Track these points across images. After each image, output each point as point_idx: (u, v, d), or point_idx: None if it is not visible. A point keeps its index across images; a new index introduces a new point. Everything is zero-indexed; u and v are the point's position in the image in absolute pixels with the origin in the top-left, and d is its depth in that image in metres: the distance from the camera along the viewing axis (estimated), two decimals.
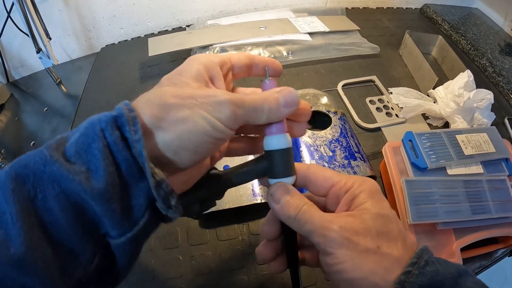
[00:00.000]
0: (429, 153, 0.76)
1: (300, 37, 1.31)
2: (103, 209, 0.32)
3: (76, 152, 0.33)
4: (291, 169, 0.44)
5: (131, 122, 0.34)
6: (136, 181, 0.34)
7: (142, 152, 0.33)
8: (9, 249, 0.29)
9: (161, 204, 0.35)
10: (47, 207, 0.32)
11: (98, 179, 0.32)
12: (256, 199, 0.78)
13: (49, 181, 0.32)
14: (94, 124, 0.34)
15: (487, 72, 1.28)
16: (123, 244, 0.35)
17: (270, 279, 0.74)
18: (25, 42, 1.25)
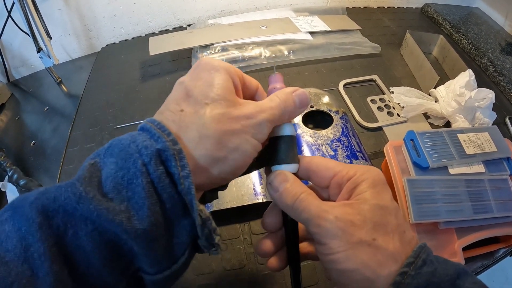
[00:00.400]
0: (431, 152, 0.76)
1: (301, 37, 1.31)
2: (143, 249, 0.31)
3: (114, 188, 0.31)
4: (294, 156, 0.44)
5: (177, 157, 0.32)
6: (180, 219, 0.34)
7: (191, 189, 0.32)
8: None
9: (204, 243, 0.35)
10: (78, 244, 0.30)
11: (141, 220, 0.31)
12: (258, 198, 0.78)
13: (81, 218, 0.30)
14: (135, 157, 0.32)
15: (488, 71, 1.27)
16: (159, 281, 0.34)
17: (271, 279, 0.74)
18: (25, 42, 1.25)
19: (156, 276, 0.34)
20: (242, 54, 1.21)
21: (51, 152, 1.03)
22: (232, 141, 0.35)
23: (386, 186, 0.41)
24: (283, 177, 0.42)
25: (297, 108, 0.43)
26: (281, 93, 0.42)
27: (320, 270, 0.75)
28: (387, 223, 0.38)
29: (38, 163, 1.01)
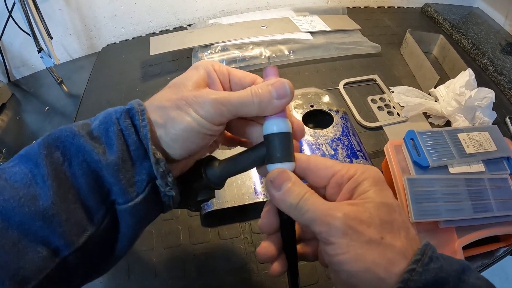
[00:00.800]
0: (431, 152, 0.76)
1: (302, 36, 1.31)
2: (113, 177, 0.39)
3: (97, 135, 0.40)
4: (290, 154, 0.43)
5: (140, 113, 0.41)
6: (141, 160, 0.41)
7: (147, 135, 0.40)
8: (38, 201, 0.36)
9: (160, 181, 0.41)
10: (72, 171, 0.38)
11: (112, 154, 0.39)
12: (258, 197, 0.78)
13: (75, 151, 0.39)
14: (111, 114, 0.41)
15: (488, 71, 1.27)
16: (126, 211, 0.41)
17: (272, 277, 0.74)
18: (26, 42, 1.25)
19: (124, 206, 0.40)
20: (243, 54, 1.21)
21: None
22: (172, 113, 0.41)
23: (386, 185, 0.41)
24: (286, 176, 0.41)
25: (274, 99, 0.42)
26: (256, 85, 0.43)
27: (320, 269, 0.75)
28: (393, 221, 0.38)
29: None
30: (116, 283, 0.73)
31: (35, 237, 0.35)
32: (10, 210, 0.35)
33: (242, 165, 0.47)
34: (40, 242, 0.36)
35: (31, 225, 0.35)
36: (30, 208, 0.35)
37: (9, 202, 0.35)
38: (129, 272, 0.74)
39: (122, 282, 0.73)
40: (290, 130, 0.43)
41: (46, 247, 0.36)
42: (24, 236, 0.35)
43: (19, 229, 0.35)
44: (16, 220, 0.35)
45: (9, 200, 0.35)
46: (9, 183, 0.36)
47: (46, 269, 0.36)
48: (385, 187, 0.41)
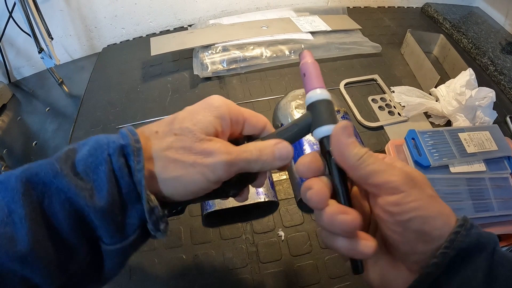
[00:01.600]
0: (432, 151, 0.76)
1: (302, 36, 1.32)
2: (101, 222, 0.37)
3: (84, 170, 0.37)
4: (334, 118, 0.45)
5: (135, 153, 0.38)
6: (133, 204, 0.39)
7: (141, 181, 0.37)
8: (16, 245, 0.33)
9: (151, 226, 0.39)
10: (52, 210, 0.35)
11: (101, 198, 0.36)
12: (260, 197, 0.78)
13: (56, 190, 0.36)
14: (103, 147, 0.38)
15: (489, 70, 1.28)
16: (112, 251, 0.39)
17: (273, 277, 0.74)
18: (27, 42, 1.25)
19: (110, 247, 0.39)
20: (243, 54, 1.21)
21: (53, 153, 1.01)
22: (176, 170, 0.40)
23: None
24: (350, 131, 0.41)
25: (276, 160, 0.44)
26: (263, 143, 0.45)
27: (322, 269, 0.75)
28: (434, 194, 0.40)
29: None
30: (117, 284, 0.73)
31: (14, 277, 0.34)
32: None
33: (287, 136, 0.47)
34: (20, 281, 0.34)
35: (8, 266, 0.33)
36: (7, 250, 0.33)
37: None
38: (131, 273, 0.75)
39: (124, 282, 0.73)
40: (330, 98, 0.46)
41: (26, 286, 0.35)
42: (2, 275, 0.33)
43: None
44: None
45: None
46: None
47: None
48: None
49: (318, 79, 0.47)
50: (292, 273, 0.75)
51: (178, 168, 0.40)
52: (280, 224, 0.82)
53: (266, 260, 0.77)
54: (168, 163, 0.40)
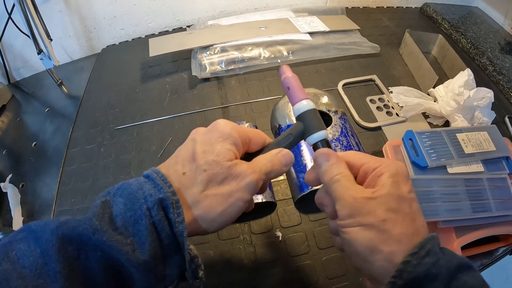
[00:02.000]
0: (430, 152, 0.76)
1: (301, 37, 1.32)
2: (142, 275, 0.38)
3: (123, 225, 0.38)
4: (322, 124, 0.52)
5: (174, 206, 0.39)
6: (173, 254, 0.40)
7: (183, 232, 0.39)
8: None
9: (190, 275, 0.42)
10: (88, 266, 0.36)
11: (143, 252, 0.37)
12: (257, 198, 0.78)
13: (93, 247, 0.36)
14: (140, 201, 0.39)
15: (488, 70, 1.28)
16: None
17: (271, 277, 0.74)
18: (26, 43, 1.25)
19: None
20: (242, 55, 1.22)
21: (52, 153, 1.03)
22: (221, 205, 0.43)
23: (407, 178, 0.45)
24: (327, 157, 0.48)
25: (283, 167, 0.50)
26: (270, 155, 0.50)
27: (320, 270, 0.75)
28: (399, 210, 0.42)
29: (39, 164, 1.01)
30: None
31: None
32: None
33: (284, 146, 0.53)
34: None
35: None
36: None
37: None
38: None
39: None
40: (315, 106, 0.53)
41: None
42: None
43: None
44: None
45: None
46: (17, 269, 0.34)
47: None
48: (404, 181, 0.45)
49: (301, 91, 0.53)
50: (290, 274, 0.75)
51: (221, 202, 0.43)
52: (278, 225, 0.82)
53: (264, 260, 0.77)
54: (211, 203, 0.42)
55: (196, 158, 0.44)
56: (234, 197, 0.43)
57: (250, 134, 0.51)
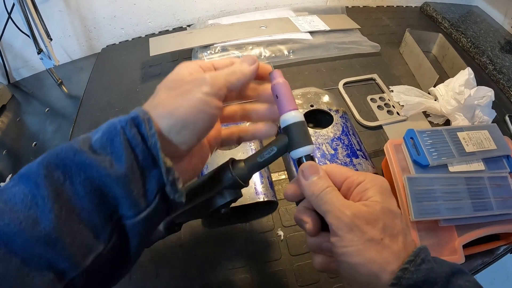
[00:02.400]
0: (431, 151, 0.76)
1: (301, 36, 1.32)
2: (124, 191, 0.38)
3: (101, 146, 0.39)
4: (309, 139, 0.49)
5: (146, 121, 0.40)
6: (150, 169, 0.40)
7: (156, 144, 0.40)
8: (39, 225, 0.35)
9: (169, 188, 0.41)
10: (74, 190, 0.37)
11: (120, 165, 0.38)
12: (259, 197, 0.78)
13: (76, 169, 0.37)
14: (115, 124, 0.40)
15: (488, 69, 1.28)
16: (137, 223, 0.40)
17: (273, 277, 0.74)
18: (26, 43, 1.25)
19: (135, 219, 0.40)
20: (242, 54, 1.21)
21: None
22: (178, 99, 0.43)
23: (391, 193, 0.46)
24: (315, 169, 0.47)
25: (248, 65, 0.50)
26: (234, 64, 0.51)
27: None
28: (394, 226, 0.43)
29: None
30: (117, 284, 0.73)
31: (39, 261, 0.35)
32: (12, 235, 0.34)
33: (266, 158, 0.51)
34: (45, 266, 0.35)
35: (34, 249, 0.34)
36: (31, 232, 0.34)
37: (9, 227, 0.34)
38: (130, 273, 0.75)
39: (123, 283, 0.73)
40: (303, 119, 0.50)
41: (51, 270, 0.35)
42: (28, 260, 0.34)
43: (22, 254, 0.34)
44: (19, 244, 0.34)
45: (9, 225, 0.34)
46: (9, 205, 0.36)
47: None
48: (390, 196, 0.46)
49: (290, 101, 0.50)
50: (291, 273, 0.75)
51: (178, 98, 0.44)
52: (279, 224, 0.82)
53: (266, 259, 0.77)
54: (168, 100, 0.44)
55: (157, 90, 0.48)
56: (195, 93, 0.43)
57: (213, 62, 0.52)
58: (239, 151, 0.86)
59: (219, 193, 0.53)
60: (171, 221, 0.58)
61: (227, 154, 0.85)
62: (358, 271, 0.41)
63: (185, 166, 0.48)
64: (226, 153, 0.85)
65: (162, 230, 0.58)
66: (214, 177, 0.54)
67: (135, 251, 0.43)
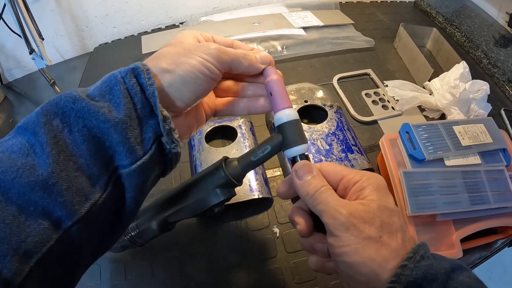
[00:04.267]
0: (427, 145, 0.76)
1: (294, 32, 1.31)
2: (121, 136, 0.39)
3: (99, 93, 0.41)
4: (303, 137, 0.49)
5: (145, 72, 0.41)
6: (147, 118, 0.42)
7: (154, 92, 0.41)
8: (37, 170, 0.35)
9: (166, 138, 0.42)
10: (73, 138, 0.38)
11: (119, 111, 0.39)
12: (254, 194, 0.77)
13: (75, 117, 0.38)
14: (115, 74, 0.41)
15: (482, 63, 1.28)
16: (133, 172, 0.41)
17: (269, 275, 0.74)
18: (17, 43, 1.24)
19: (131, 167, 0.40)
20: None
21: None
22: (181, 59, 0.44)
23: (388, 191, 0.46)
24: (309, 168, 0.48)
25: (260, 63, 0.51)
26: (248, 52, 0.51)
27: None
28: (392, 223, 0.43)
29: None
30: (112, 284, 0.73)
31: (36, 208, 0.35)
32: (9, 182, 0.34)
33: (260, 157, 0.51)
34: (41, 213, 0.35)
35: (30, 196, 0.35)
36: (29, 178, 0.35)
37: (6, 174, 0.34)
38: (126, 273, 0.74)
39: (119, 283, 0.73)
40: (298, 117, 0.50)
41: (47, 218, 0.35)
42: (24, 208, 0.34)
43: (18, 201, 0.34)
44: (15, 191, 0.34)
45: (6, 172, 0.34)
46: (6, 154, 0.36)
47: (49, 242, 0.35)
48: (387, 193, 0.46)
49: (285, 98, 0.50)
50: (288, 270, 0.75)
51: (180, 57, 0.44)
52: (275, 221, 0.82)
53: (262, 257, 0.77)
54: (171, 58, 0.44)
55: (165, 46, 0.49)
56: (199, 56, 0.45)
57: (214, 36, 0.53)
58: (232, 148, 0.85)
59: (212, 192, 0.53)
60: (165, 219, 0.57)
61: (221, 151, 0.84)
62: (357, 270, 0.41)
63: (181, 123, 0.49)
64: (220, 150, 0.85)
65: (156, 228, 0.57)
66: (207, 176, 0.54)
67: (131, 204, 0.43)
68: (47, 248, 0.35)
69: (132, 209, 0.44)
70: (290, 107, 0.50)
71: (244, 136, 0.89)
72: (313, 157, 0.83)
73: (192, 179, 0.56)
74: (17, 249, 0.33)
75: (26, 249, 0.34)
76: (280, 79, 0.51)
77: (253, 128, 0.96)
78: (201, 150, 0.86)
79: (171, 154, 0.44)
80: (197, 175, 0.55)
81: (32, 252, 0.34)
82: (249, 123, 0.94)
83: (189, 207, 0.55)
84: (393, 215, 0.43)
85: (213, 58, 0.46)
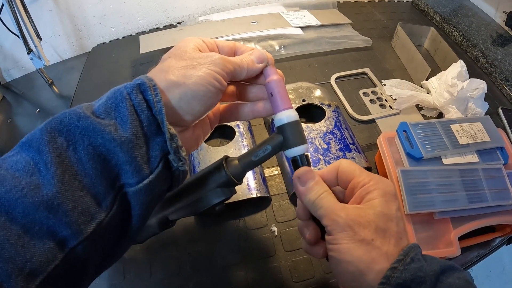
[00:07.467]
0: (424, 143, 0.76)
1: (292, 31, 1.31)
2: (127, 155, 0.39)
3: (105, 110, 0.40)
4: (303, 138, 0.50)
5: (152, 88, 0.41)
6: (154, 136, 0.41)
7: (161, 110, 0.40)
8: (41, 190, 0.35)
9: (173, 156, 0.42)
10: (78, 156, 0.37)
11: (125, 130, 0.39)
12: (252, 193, 0.78)
13: (80, 135, 0.38)
14: (121, 90, 0.41)
15: (480, 63, 1.28)
16: (139, 191, 0.40)
17: (267, 274, 0.74)
18: (16, 44, 1.23)
19: (138, 186, 0.40)
20: None
21: None
22: (189, 71, 0.44)
23: (395, 197, 0.47)
24: (311, 175, 0.49)
25: (256, 63, 0.51)
26: (244, 56, 0.52)
27: (316, 264, 0.75)
28: (387, 229, 0.44)
29: None
30: (111, 283, 0.73)
31: (41, 228, 0.34)
32: (13, 201, 0.34)
33: (261, 157, 0.52)
34: (46, 233, 0.35)
35: (35, 216, 0.34)
36: (33, 198, 0.34)
37: (11, 193, 0.34)
38: (124, 272, 0.74)
39: (118, 282, 0.73)
40: (298, 118, 0.51)
41: (53, 238, 0.35)
42: (29, 227, 0.34)
43: (23, 221, 0.34)
44: (20, 211, 0.34)
45: (11, 191, 0.34)
46: (10, 172, 0.36)
47: (54, 261, 0.35)
48: (392, 200, 0.46)
49: (285, 99, 0.50)
50: (286, 269, 0.75)
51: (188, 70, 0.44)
52: (273, 220, 0.82)
53: (260, 256, 0.77)
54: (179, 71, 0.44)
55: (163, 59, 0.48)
56: (206, 68, 0.45)
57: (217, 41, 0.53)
58: (231, 147, 0.86)
59: (213, 191, 0.53)
60: (165, 217, 0.57)
61: (219, 151, 0.84)
62: (345, 268, 0.43)
63: (188, 136, 0.50)
64: (218, 149, 0.85)
65: (156, 226, 0.57)
66: (208, 175, 0.54)
67: (136, 222, 0.43)
68: (52, 267, 0.35)
69: (138, 226, 0.44)
70: (290, 107, 0.50)
71: (242, 135, 0.89)
72: (311, 156, 0.83)
73: (192, 177, 0.56)
74: (22, 268, 0.33)
75: (31, 268, 0.33)
76: (280, 79, 0.52)
77: (251, 127, 0.96)
78: (199, 149, 0.86)
79: (178, 171, 0.44)
80: (197, 174, 0.56)
81: (37, 271, 0.34)
82: (247, 122, 0.94)
83: (190, 206, 0.55)
84: (390, 222, 0.45)
85: (221, 69, 0.46)
